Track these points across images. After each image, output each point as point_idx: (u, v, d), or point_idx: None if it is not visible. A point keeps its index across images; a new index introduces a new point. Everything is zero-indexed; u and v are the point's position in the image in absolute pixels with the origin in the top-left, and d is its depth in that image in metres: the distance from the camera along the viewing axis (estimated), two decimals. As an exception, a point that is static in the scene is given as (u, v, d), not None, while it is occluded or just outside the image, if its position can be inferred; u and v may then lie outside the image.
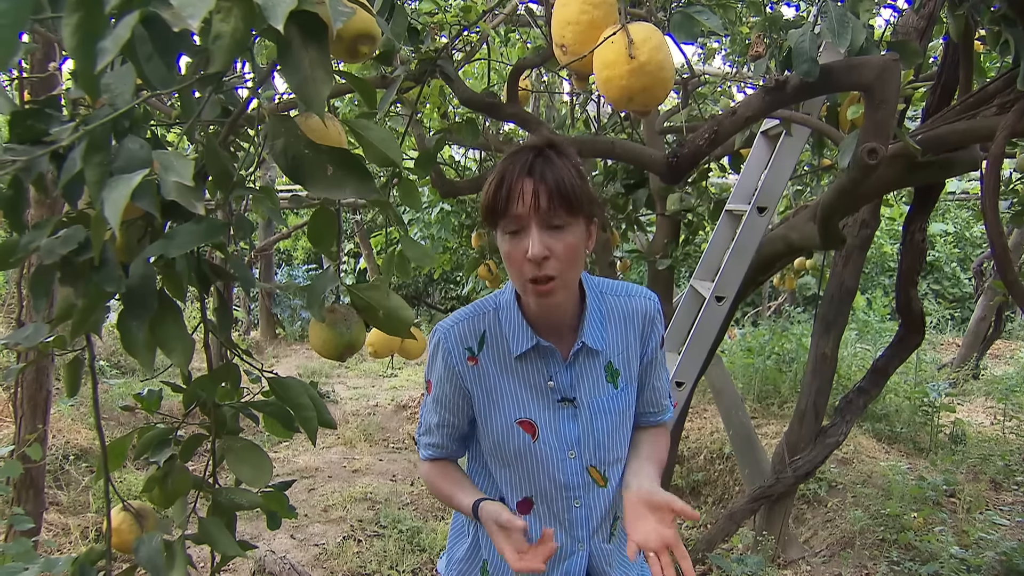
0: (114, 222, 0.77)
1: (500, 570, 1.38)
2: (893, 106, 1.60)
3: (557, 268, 1.14)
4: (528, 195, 1.12)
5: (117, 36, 0.75)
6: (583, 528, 1.33)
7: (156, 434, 1.31)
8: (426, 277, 11.86)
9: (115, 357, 6.91)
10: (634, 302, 1.31)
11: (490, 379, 1.28)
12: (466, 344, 1.29)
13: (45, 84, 1.99)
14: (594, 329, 1.28)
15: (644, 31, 1.10)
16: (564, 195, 1.12)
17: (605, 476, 1.31)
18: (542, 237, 1.12)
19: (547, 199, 1.11)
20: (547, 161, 1.14)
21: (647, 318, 1.32)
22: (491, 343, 1.28)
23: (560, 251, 1.14)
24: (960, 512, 3.81)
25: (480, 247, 3.97)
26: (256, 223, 7.45)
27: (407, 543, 3.69)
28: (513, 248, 1.15)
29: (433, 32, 2.20)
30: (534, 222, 1.12)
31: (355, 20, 1.03)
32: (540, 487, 1.31)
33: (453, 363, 1.28)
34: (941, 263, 11.16)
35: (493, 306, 1.30)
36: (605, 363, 1.29)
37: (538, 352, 1.27)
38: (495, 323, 1.29)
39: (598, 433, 1.29)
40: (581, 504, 1.32)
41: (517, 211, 1.13)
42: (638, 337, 1.31)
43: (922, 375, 5.97)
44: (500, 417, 1.28)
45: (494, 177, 1.17)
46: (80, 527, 3.68)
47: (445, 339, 1.29)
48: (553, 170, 1.13)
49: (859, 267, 3.27)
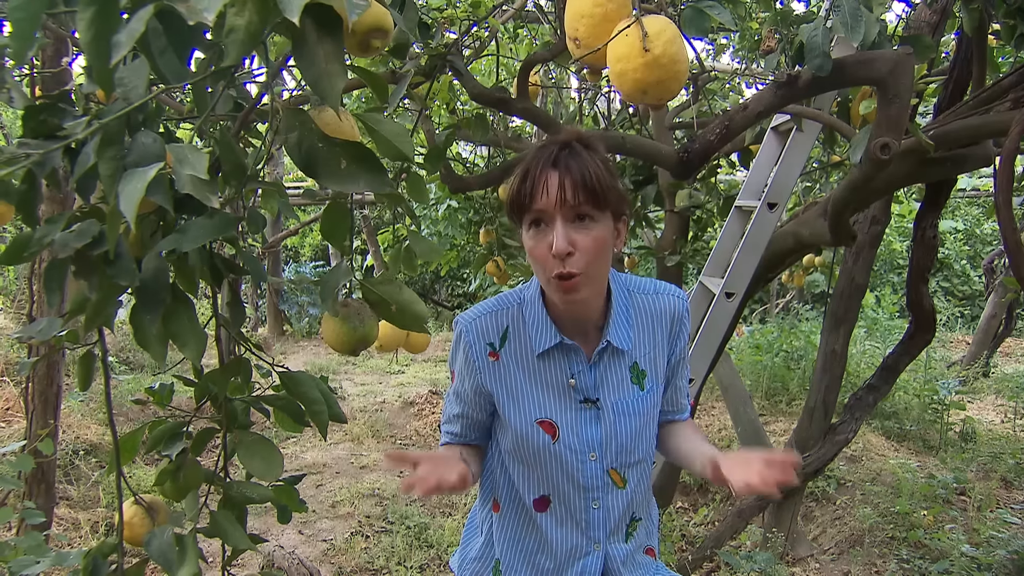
0: (130, 216, 0.77)
1: (512, 569, 1.37)
2: (906, 101, 1.59)
3: (582, 263, 1.11)
4: (553, 187, 1.09)
5: (131, 30, 0.75)
6: (600, 529, 1.31)
7: (168, 428, 1.32)
8: (433, 274, 11.87)
9: (124, 353, 6.94)
10: (662, 300, 1.28)
11: (511, 376, 1.25)
12: (487, 339, 1.25)
13: (57, 80, 1.99)
14: (620, 328, 1.24)
15: (658, 24, 1.09)
16: (590, 187, 1.09)
17: (624, 478, 1.29)
18: (567, 231, 1.10)
19: (572, 191, 1.09)
20: (573, 153, 1.11)
21: (676, 317, 1.28)
22: (513, 339, 1.25)
23: (586, 246, 1.11)
24: (971, 510, 3.79)
25: (488, 243, 3.97)
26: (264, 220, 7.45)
27: (415, 539, 3.70)
28: (537, 243, 1.13)
29: (443, 27, 2.19)
30: (559, 215, 1.10)
31: (369, 13, 1.03)
32: (558, 487, 1.28)
33: (473, 357, 1.25)
34: (951, 260, 11.10)
35: (517, 300, 1.27)
36: (631, 364, 1.26)
37: (561, 350, 1.24)
38: (518, 318, 1.25)
39: (621, 436, 1.26)
40: (600, 505, 1.30)
41: (541, 204, 1.10)
42: (666, 336, 1.28)
43: (932, 373, 5.94)
44: (520, 416, 1.26)
45: (519, 171, 1.15)
46: (90, 521, 3.70)
47: (467, 332, 1.26)
48: (579, 162, 1.10)
49: (869, 263, 3.25)
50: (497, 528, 1.38)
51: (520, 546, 1.35)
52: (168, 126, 1.21)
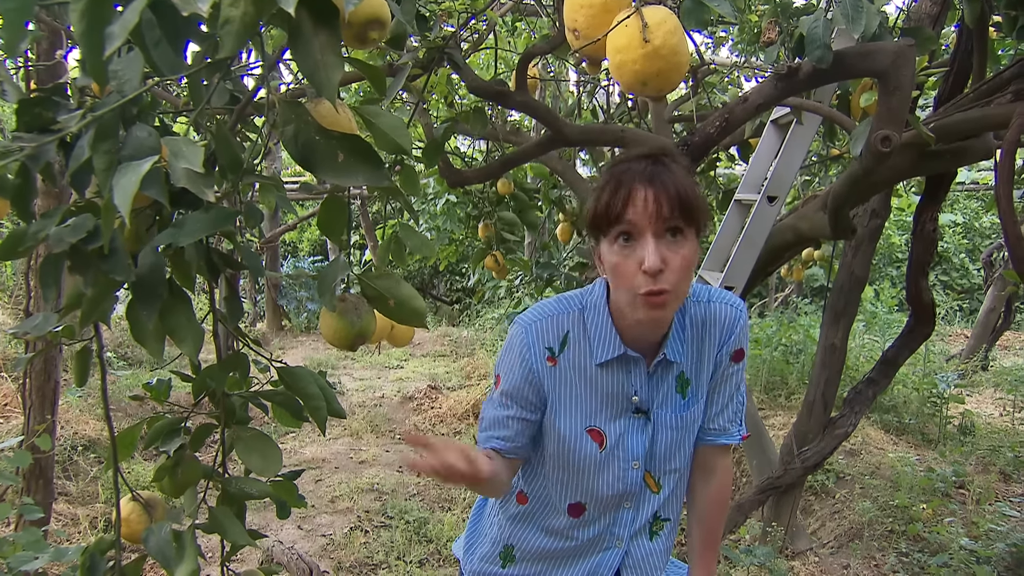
0: (124, 209, 0.76)
1: (527, 559, 1.36)
2: (907, 93, 1.58)
3: (672, 281, 1.08)
4: (650, 202, 1.06)
5: (125, 21, 0.74)
6: (626, 528, 1.31)
7: (166, 424, 1.31)
8: (431, 269, 11.87)
9: (123, 348, 6.93)
10: (714, 308, 1.25)
11: (567, 383, 1.23)
12: (547, 343, 1.22)
13: (52, 73, 1.98)
14: (676, 341, 1.22)
15: (659, 14, 1.08)
16: (686, 203, 1.07)
17: (660, 484, 1.29)
18: (659, 248, 1.07)
19: (669, 207, 1.06)
20: (666, 168, 1.09)
21: (724, 326, 1.25)
22: (573, 346, 1.22)
23: (676, 263, 1.08)
24: (970, 503, 3.80)
25: (487, 238, 3.96)
26: (262, 215, 7.45)
27: (414, 534, 3.70)
28: (625, 259, 1.09)
29: (441, 19, 2.18)
30: (651, 232, 1.07)
31: (366, 4, 1.02)
32: (596, 493, 1.27)
33: (532, 360, 1.22)
34: (950, 254, 11.11)
35: (579, 306, 1.23)
36: (677, 373, 1.24)
37: (623, 361, 1.21)
38: (579, 324, 1.22)
39: (660, 445, 1.25)
40: (631, 506, 1.30)
41: (633, 217, 1.07)
42: (715, 346, 1.25)
43: (931, 366, 5.94)
44: (569, 423, 1.24)
45: (607, 182, 1.11)
46: (89, 517, 3.70)
47: (526, 334, 1.22)
48: (673, 178, 1.08)
49: (869, 257, 3.25)
50: (515, 519, 1.37)
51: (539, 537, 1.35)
52: (164, 119, 1.20)
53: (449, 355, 8.33)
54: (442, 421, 5.84)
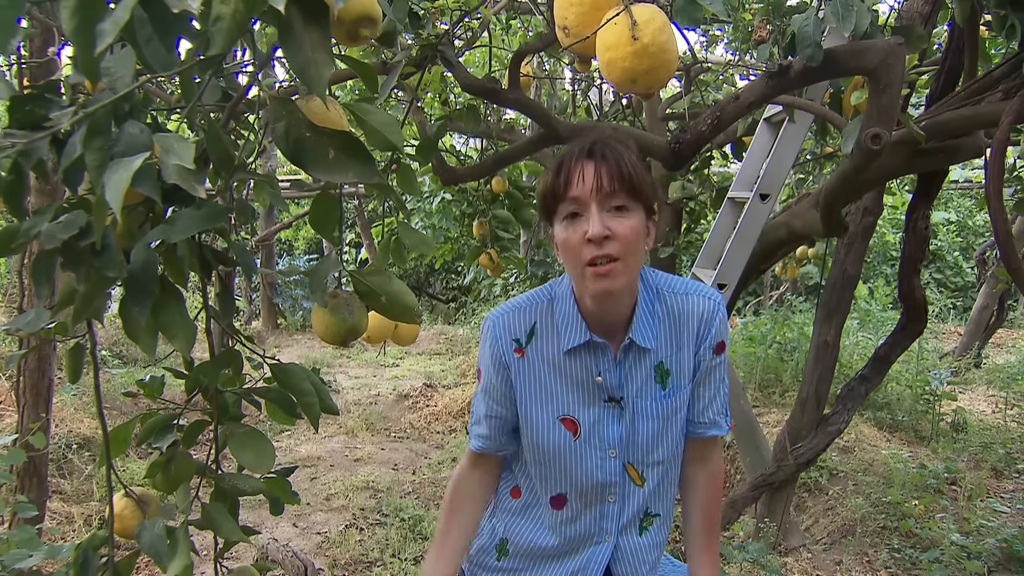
0: (115, 206, 0.76)
1: (520, 553, 1.37)
2: (898, 91, 1.58)
3: (619, 250, 1.10)
4: (589, 176, 1.10)
5: (116, 18, 0.74)
6: (614, 521, 1.31)
7: (159, 420, 1.32)
8: (427, 267, 11.87)
9: (117, 347, 6.92)
10: (692, 300, 1.25)
11: (536, 373, 1.25)
12: (514, 335, 1.25)
13: (44, 70, 1.98)
14: (644, 326, 1.22)
15: (647, 12, 1.09)
16: (626, 176, 1.10)
17: (643, 476, 1.29)
18: (603, 217, 1.09)
19: (608, 179, 1.09)
20: (607, 145, 1.12)
21: (703, 318, 1.25)
22: (541, 336, 1.24)
23: (622, 232, 1.10)
24: (961, 500, 3.82)
25: (482, 235, 3.96)
26: (257, 213, 7.44)
27: (409, 531, 3.71)
28: (571, 233, 1.12)
29: (434, 17, 2.18)
30: (594, 203, 1.10)
31: (356, 1, 1.03)
32: (576, 484, 1.28)
33: (500, 353, 1.25)
34: (943, 252, 11.15)
35: (548, 297, 1.26)
36: (656, 363, 1.24)
37: (589, 348, 1.23)
38: (547, 315, 1.25)
39: (641, 436, 1.26)
40: (616, 500, 1.30)
41: (576, 192, 1.10)
42: (692, 337, 1.25)
43: (924, 364, 5.97)
44: (542, 413, 1.26)
45: (551, 166, 1.15)
46: (83, 515, 3.69)
47: (493, 327, 1.26)
48: (614, 153, 1.11)
49: (861, 255, 3.26)
50: (511, 512, 1.38)
51: (532, 532, 1.36)
52: (156, 116, 1.20)
53: (444, 353, 8.34)
54: (437, 419, 5.85)
